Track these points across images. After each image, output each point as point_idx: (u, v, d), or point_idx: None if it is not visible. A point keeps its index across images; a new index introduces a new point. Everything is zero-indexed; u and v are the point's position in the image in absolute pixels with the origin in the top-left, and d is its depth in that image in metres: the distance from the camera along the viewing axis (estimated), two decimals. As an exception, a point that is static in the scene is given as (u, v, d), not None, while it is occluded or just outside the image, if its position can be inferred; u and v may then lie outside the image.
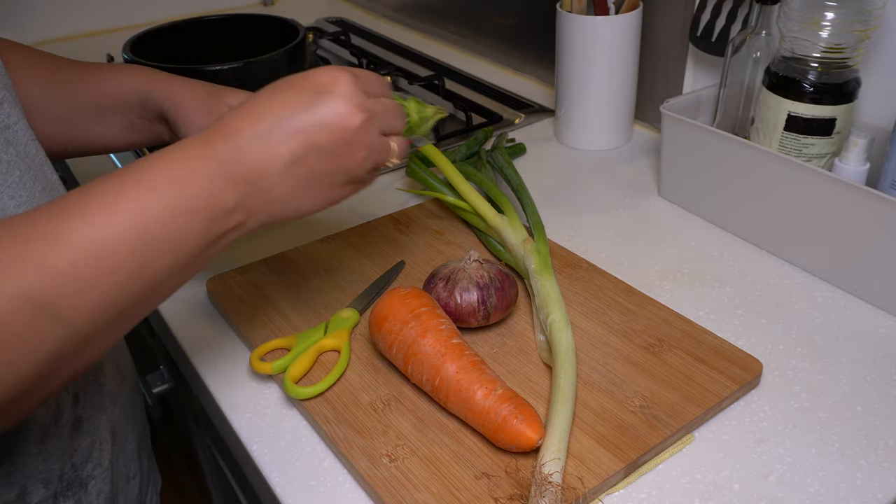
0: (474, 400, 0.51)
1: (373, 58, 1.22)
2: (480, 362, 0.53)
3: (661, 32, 0.90)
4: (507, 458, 0.50)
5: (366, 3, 1.50)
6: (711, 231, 0.75)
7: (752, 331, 0.62)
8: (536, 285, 0.62)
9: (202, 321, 0.66)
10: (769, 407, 0.55)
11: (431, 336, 0.54)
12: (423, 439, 0.52)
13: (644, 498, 0.49)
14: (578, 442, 0.51)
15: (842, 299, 0.65)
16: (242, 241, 0.76)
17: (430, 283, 0.61)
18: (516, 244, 0.67)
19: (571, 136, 0.92)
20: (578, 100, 0.89)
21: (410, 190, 0.83)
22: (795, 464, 0.51)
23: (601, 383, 0.56)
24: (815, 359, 0.59)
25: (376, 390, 0.56)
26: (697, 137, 0.74)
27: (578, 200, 0.82)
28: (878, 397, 0.56)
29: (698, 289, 0.68)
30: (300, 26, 0.88)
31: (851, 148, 0.65)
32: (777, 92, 0.68)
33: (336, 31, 1.34)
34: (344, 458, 0.51)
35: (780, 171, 0.67)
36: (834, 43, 0.64)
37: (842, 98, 0.66)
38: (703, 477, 0.50)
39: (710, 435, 0.53)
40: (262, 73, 0.81)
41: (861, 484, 0.49)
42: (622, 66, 0.86)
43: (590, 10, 0.86)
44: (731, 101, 0.78)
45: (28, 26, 1.35)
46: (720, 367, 0.57)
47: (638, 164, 0.88)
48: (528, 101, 1.05)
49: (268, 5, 1.56)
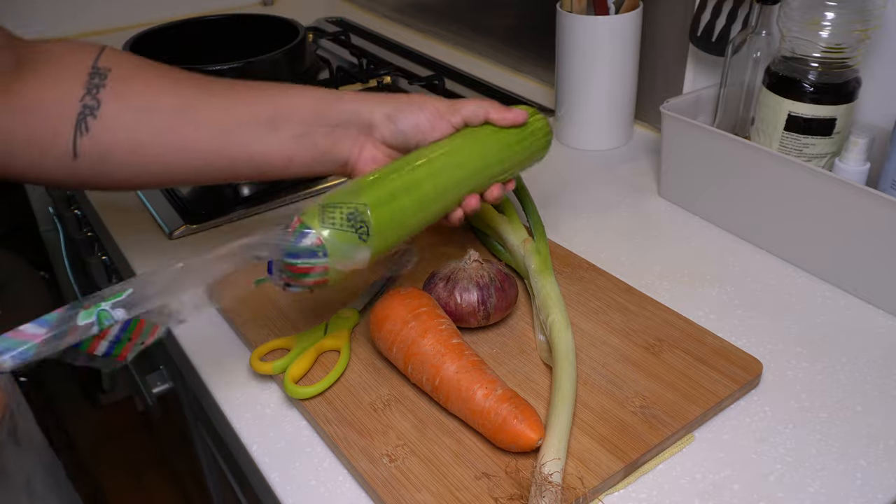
0: (474, 400, 0.51)
1: (373, 58, 1.22)
2: (480, 362, 0.53)
3: (661, 32, 0.90)
4: (507, 458, 0.50)
5: (366, 3, 1.50)
6: (711, 231, 0.75)
7: (752, 331, 0.62)
8: (536, 285, 0.62)
9: (202, 321, 0.66)
10: (769, 407, 0.55)
11: (431, 336, 0.54)
12: (423, 439, 0.52)
13: (644, 498, 0.49)
14: (578, 442, 0.51)
15: (842, 299, 0.65)
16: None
17: (430, 283, 0.61)
18: (516, 244, 0.67)
19: (571, 136, 0.92)
20: (578, 100, 0.89)
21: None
22: (795, 464, 0.51)
23: (601, 383, 0.56)
24: (815, 359, 0.59)
25: (376, 390, 0.56)
26: (697, 137, 0.74)
27: (578, 200, 0.82)
28: (878, 397, 0.56)
29: (698, 289, 0.68)
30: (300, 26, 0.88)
31: (851, 148, 0.65)
32: (777, 92, 0.68)
33: (336, 31, 1.34)
34: (344, 458, 0.51)
35: (780, 171, 0.67)
36: (834, 43, 0.64)
37: (842, 98, 0.66)
38: (703, 477, 0.50)
39: (710, 435, 0.53)
40: (262, 73, 0.81)
41: (861, 484, 0.49)
42: (622, 66, 0.86)
43: (590, 10, 0.86)
44: (731, 101, 0.78)
45: (28, 26, 1.35)
46: (720, 367, 0.57)
47: (638, 164, 0.88)
48: (528, 101, 1.05)
49: (268, 5, 1.56)
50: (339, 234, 0.50)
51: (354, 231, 0.50)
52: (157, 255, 0.75)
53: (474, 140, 0.60)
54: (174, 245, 0.76)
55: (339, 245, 0.49)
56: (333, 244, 0.49)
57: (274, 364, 0.57)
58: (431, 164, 0.57)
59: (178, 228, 0.78)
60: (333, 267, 0.49)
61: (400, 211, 0.54)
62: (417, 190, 0.55)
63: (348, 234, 0.50)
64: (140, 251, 0.76)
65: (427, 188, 0.56)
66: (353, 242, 0.50)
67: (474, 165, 0.59)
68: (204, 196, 0.86)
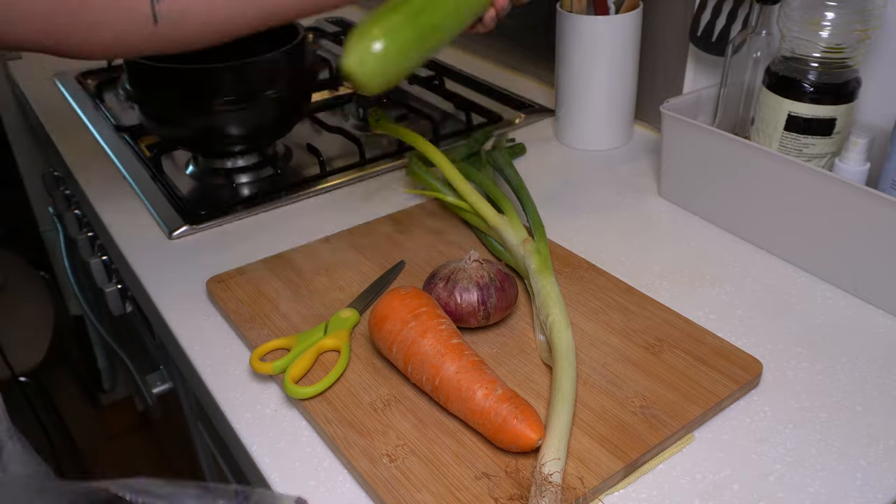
0: (474, 400, 0.51)
1: (373, 58, 1.22)
2: (480, 362, 0.53)
3: (661, 32, 0.90)
4: (507, 458, 0.50)
5: (366, 3, 1.50)
6: (711, 231, 0.75)
7: (752, 331, 0.62)
8: (537, 285, 0.62)
9: (202, 321, 0.66)
10: (769, 407, 0.55)
11: (431, 336, 0.54)
12: (423, 439, 0.52)
13: (644, 498, 0.49)
14: (578, 442, 0.51)
15: (842, 299, 0.65)
16: (242, 241, 0.76)
17: (430, 283, 0.61)
18: (516, 244, 0.67)
19: (571, 136, 0.92)
20: (578, 100, 0.89)
21: (411, 190, 0.83)
22: (795, 464, 0.51)
23: (601, 383, 0.56)
24: (815, 359, 0.59)
25: (376, 390, 0.56)
26: (697, 137, 0.74)
27: (578, 200, 0.82)
28: (878, 397, 0.56)
29: (698, 289, 0.68)
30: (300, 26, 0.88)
31: (852, 148, 0.65)
32: (777, 92, 0.68)
33: (336, 31, 1.34)
34: (344, 458, 0.51)
35: (780, 171, 0.67)
36: (834, 43, 0.64)
37: (842, 98, 0.66)
38: (703, 477, 0.50)
39: (710, 435, 0.53)
40: (262, 73, 0.81)
41: (861, 484, 0.49)
42: (622, 66, 0.86)
43: (590, 10, 0.86)
44: (731, 101, 0.78)
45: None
46: (720, 367, 0.57)
47: (638, 164, 0.88)
48: (528, 101, 1.05)
49: (268, 5, 1.56)
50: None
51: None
52: (157, 255, 0.75)
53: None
54: (174, 245, 0.77)
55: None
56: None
57: (274, 364, 0.57)
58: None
59: (178, 228, 0.78)
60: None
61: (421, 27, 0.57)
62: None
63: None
64: (140, 251, 0.76)
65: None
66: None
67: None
68: (204, 196, 0.86)
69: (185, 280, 0.71)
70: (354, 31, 0.57)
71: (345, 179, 0.87)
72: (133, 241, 0.78)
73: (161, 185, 0.86)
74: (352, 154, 0.92)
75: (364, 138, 0.94)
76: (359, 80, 0.56)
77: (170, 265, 0.73)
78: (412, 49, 0.57)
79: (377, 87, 0.57)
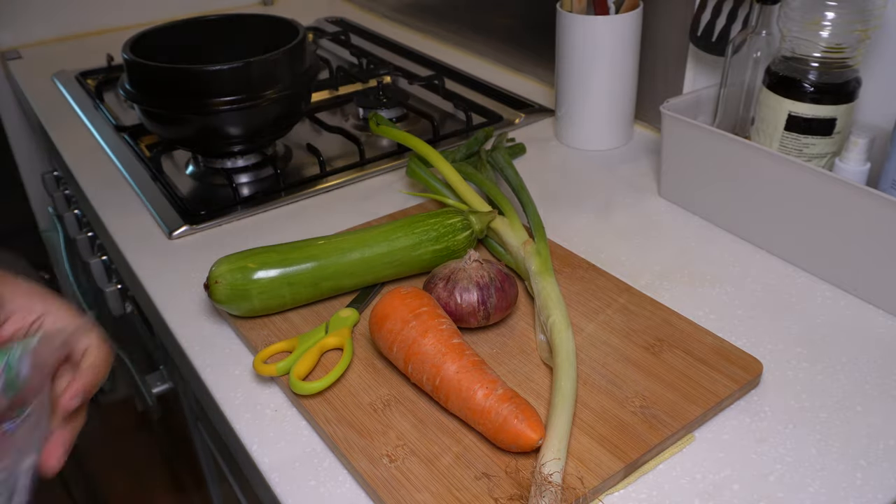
0: (475, 400, 0.51)
1: (373, 58, 1.22)
2: (481, 362, 0.53)
3: (661, 32, 0.90)
4: (507, 458, 0.50)
5: (366, 3, 1.50)
6: (711, 231, 0.75)
7: (752, 331, 0.62)
8: (537, 287, 0.62)
9: (202, 321, 0.66)
10: (769, 407, 0.55)
11: (432, 336, 0.54)
12: (423, 439, 0.52)
13: (644, 498, 0.49)
14: (578, 442, 0.51)
15: (842, 299, 0.65)
16: (242, 241, 0.76)
17: (430, 283, 0.61)
18: (517, 246, 0.67)
19: (571, 136, 0.92)
20: (578, 100, 0.89)
21: (410, 192, 0.83)
22: (795, 464, 0.51)
23: (601, 383, 0.56)
24: (815, 359, 0.59)
25: (376, 390, 0.56)
26: (697, 137, 0.74)
27: (578, 200, 0.82)
28: (878, 397, 0.56)
29: (698, 289, 0.68)
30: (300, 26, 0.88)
31: (852, 148, 0.65)
32: (777, 92, 0.68)
33: (336, 31, 1.34)
34: (344, 458, 0.51)
35: (780, 171, 0.67)
36: (834, 43, 0.64)
37: (842, 98, 0.66)
38: (703, 477, 0.50)
39: (710, 435, 0.53)
40: (262, 73, 0.81)
41: (861, 484, 0.49)
42: (622, 66, 0.86)
43: (590, 10, 0.86)
44: (732, 101, 0.78)
45: (28, 26, 1.35)
46: (720, 367, 0.57)
47: (638, 164, 0.88)
48: (528, 101, 1.05)
49: (268, 5, 1.56)
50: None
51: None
52: (157, 255, 0.75)
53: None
54: (174, 245, 0.77)
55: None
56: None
57: (278, 365, 0.57)
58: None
59: (178, 228, 0.78)
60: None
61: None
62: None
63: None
64: (140, 251, 0.76)
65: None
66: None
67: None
68: (204, 196, 0.86)
69: (186, 280, 0.71)
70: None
71: (345, 179, 0.87)
72: (133, 241, 0.78)
73: (161, 185, 0.86)
74: (352, 154, 0.92)
75: (364, 138, 0.94)
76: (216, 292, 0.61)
77: (170, 265, 0.73)
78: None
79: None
